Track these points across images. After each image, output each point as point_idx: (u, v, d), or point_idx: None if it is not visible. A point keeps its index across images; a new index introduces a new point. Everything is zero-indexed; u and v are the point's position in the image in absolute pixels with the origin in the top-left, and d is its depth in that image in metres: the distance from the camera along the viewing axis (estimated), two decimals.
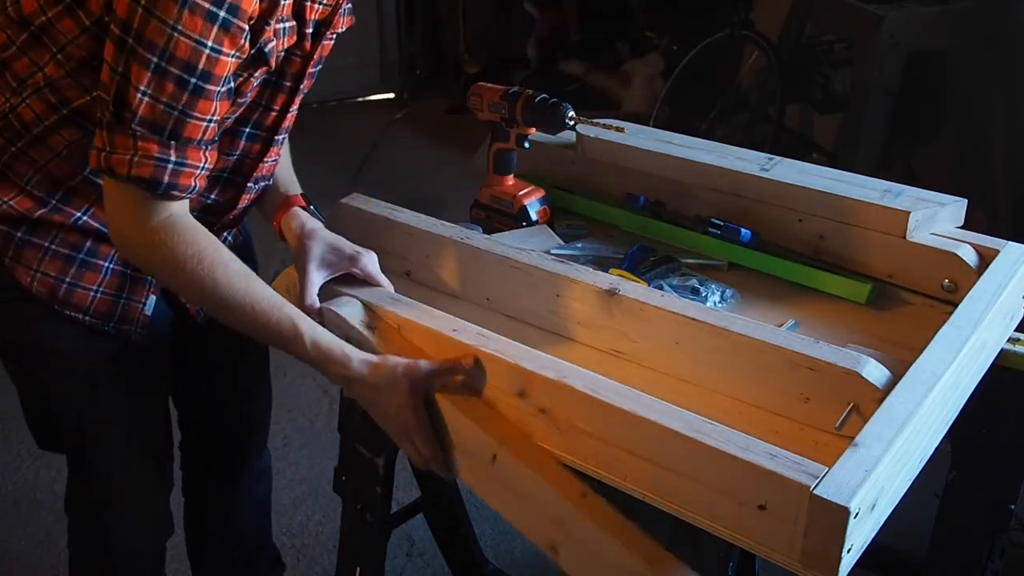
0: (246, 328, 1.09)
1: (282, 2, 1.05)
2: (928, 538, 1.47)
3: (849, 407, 0.96)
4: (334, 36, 1.21)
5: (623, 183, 1.45)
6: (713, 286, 1.25)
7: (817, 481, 0.82)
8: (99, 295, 1.20)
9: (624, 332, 1.10)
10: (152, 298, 1.25)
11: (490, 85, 1.42)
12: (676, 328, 1.06)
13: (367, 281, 1.20)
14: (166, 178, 1.01)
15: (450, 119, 4.65)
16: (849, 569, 0.84)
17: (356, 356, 1.06)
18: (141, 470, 1.39)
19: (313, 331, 1.07)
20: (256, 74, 1.09)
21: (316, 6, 1.12)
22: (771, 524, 0.85)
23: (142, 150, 0.99)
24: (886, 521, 0.90)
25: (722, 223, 1.32)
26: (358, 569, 1.39)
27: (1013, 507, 1.37)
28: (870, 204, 1.24)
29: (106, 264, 1.19)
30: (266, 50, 1.06)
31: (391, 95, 5.01)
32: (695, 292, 1.24)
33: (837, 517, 0.80)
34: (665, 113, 3.81)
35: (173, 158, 1.01)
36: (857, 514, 0.80)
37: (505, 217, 1.43)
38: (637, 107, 4.28)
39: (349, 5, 1.21)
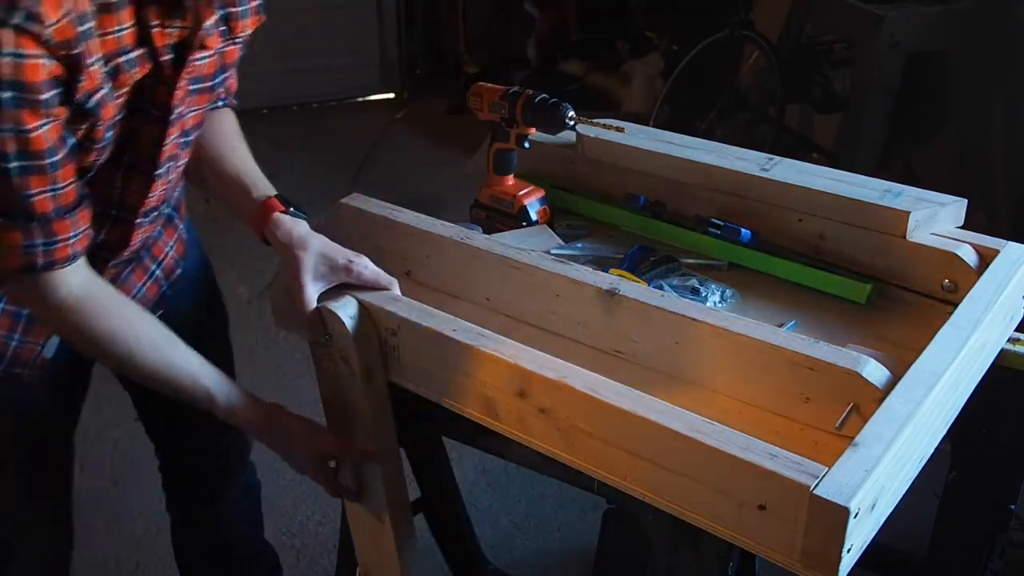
0: (165, 394, 1.13)
1: (118, 34, 0.96)
2: (928, 538, 1.47)
3: (849, 407, 0.96)
4: (238, 41, 1.16)
5: (623, 183, 1.45)
6: (713, 286, 1.25)
7: (817, 481, 0.82)
8: None
9: (624, 332, 1.10)
10: (55, 340, 1.20)
11: (490, 85, 1.42)
12: (676, 328, 1.06)
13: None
14: (40, 260, 0.98)
15: (450, 119, 4.65)
16: (849, 569, 0.84)
17: (263, 420, 1.16)
18: (38, 521, 1.35)
19: (229, 399, 1.13)
20: (100, 123, 1.00)
21: (168, 31, 1.02)
22: (771, 524, 0.85)
23: (7, 241, 0.96)
24: (886, 521, 0.90)
25: (722, 223, 1.32)
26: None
27: (1013, 507, 1.37)
28: (870, 204, 1.24)
29: None
30: (90, 105, 0.96)
31: (391, 95, 5.01)
32: (695, 292, 1.24)
33: (837, 517, 0.80)
34: (665, 113, 3.81)
35: (39, 240, 0.97)
36: (857, 514, 0.80)
37: (505, 217, 1.43)
38: (637, 107, 4.27)
39: (255, 3, 1.17)
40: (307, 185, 3.95)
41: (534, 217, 1.42)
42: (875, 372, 0.96)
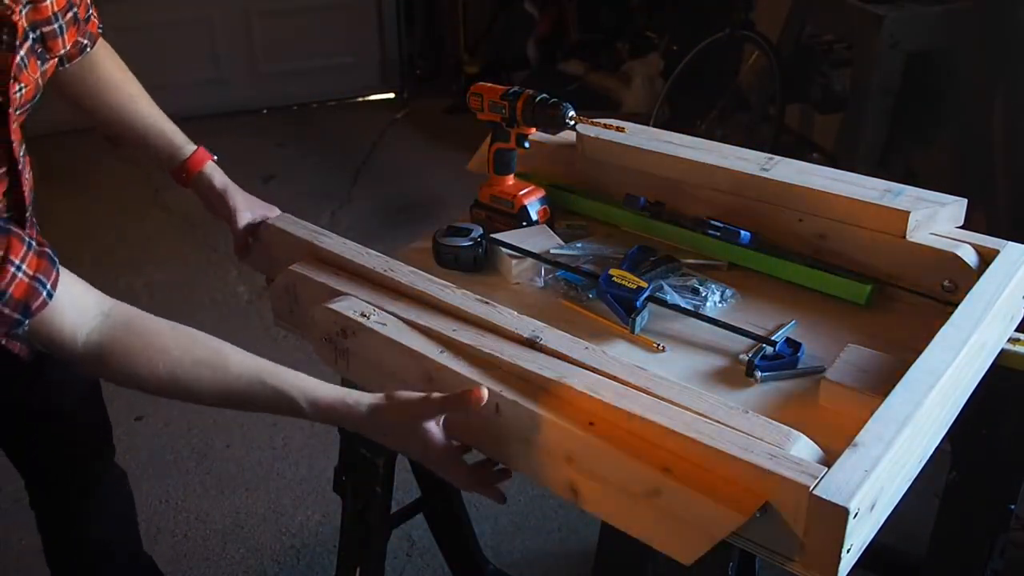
0: (238, 408, 1.03)
1: None
2: (928, 538, 1.47)
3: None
4: (58, 56, 1.13)
5: (623, 183, 1.45)
6: (713, 286, 1.25)
7: (817, 481, 0.82)
8: None
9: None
10: None
11: (490, 85, 1.42)
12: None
13: None
14: (13, 314, 0.92)
15: (450, 119, 4.65)
16: (849, 569, 0.85)
17: (363, 403, 1.01)
18: None
19: (305, 393, 1.01)
20: None
21: None
22: (771, 524, 0.85)
23: None
24: (886, 521, 0.90)
25: (722, 225, 1.32)
26: (358, 569, 1.39)
27: (1013, 507, 1.37)
28: (870, 204, 1.24)
29: None
30: None
31: (391, 95, 5.01)
32: (695, 292, 1.24)
33: (837, 517, 0.80)
34: (665, 113, 3.81)
35: None
36: (857, 514, 0.80)
37: (505, 217, 1.43)
38: (637, 107, 4.28)
39: (72, 15, 1.15)
40: (307, 185, 3.95)
41: (534, 217, 1.42)
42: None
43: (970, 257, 1.20)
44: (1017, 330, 1.22)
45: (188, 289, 3.20)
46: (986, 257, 1.21)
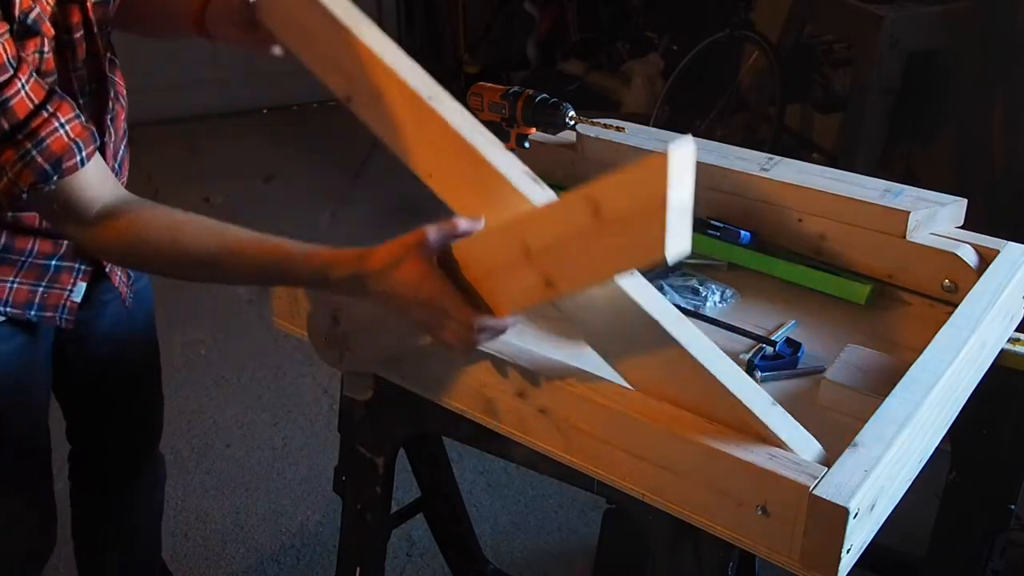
0: (243, 277, 1.05)
1: None
2: (928, 538, 1.47)
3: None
4: None
5: None
6: (713, 286, 1.25)
7: (817, 481, 0.82)
8: (15, 285, 1.20)
9: None
10: (82, 285, 1.26)
11: (490, 85, 1.42)
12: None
13: None
14: (44, 164, 0.97)
15: None
16: (849, 569, 0.85)
17: (358, 251, 0.98)
18: (23, 462, 1.35)
19: (304, 246, 0.99)
20: (45, 49, 1.03)
21: None
22: (771, 524, 0.85)
23: (6, 163, 0.97)
24: (886, 521, 0.90)
25: (722, 224, 1.32)
26: (358, 569, 1.39)
27: (1013, 507, 1.37)
28: (870, 204, 1.24)
29: (22, 259, 1.19)
30: (29, 21, 0.98)
31: None
32: (695, 292, 1.24)
33: (836, 517, 0.80)
34: (665, 113, 3.81)
35: (30, 145, 0.97)
36: (856, 514, 0.80)
37: None
38: (637, 107, 4.28)
39: None
40: (307, 185, 3.95)
41: None
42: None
43: (970, 257, 1.20)
44: (1017, 330, 1.22)
45: (187, 289, 3.20)
46: (986, 257, 1.21)
